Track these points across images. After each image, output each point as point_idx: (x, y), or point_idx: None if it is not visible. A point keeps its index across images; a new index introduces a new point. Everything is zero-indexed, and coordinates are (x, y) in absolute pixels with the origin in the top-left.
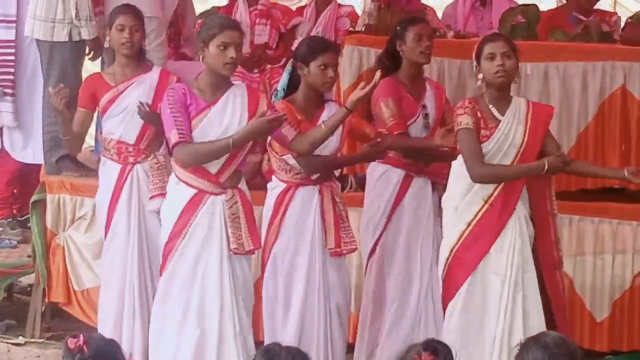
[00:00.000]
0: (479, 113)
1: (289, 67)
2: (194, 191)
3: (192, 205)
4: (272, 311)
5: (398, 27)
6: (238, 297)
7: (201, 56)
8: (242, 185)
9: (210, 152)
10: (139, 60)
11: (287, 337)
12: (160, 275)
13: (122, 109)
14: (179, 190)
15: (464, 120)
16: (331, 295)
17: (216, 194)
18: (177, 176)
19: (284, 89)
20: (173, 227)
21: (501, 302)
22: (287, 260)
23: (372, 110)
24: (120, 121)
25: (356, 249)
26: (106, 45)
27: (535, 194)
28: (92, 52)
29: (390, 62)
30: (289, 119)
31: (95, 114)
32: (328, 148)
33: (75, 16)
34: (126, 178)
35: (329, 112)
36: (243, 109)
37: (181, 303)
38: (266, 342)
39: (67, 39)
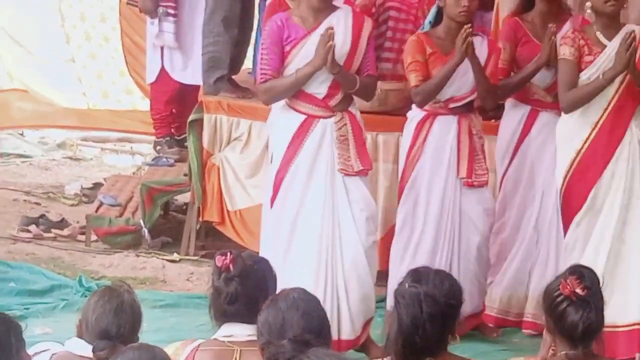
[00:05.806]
0: (582, 41)
1: (438, 1)
2: (304, 117)
3: (302, 131)
4: (402, 233)
5: None
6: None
7: None
8: (353, 108)
9: (280, 90)
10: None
11: (418, 261)
12: (271, 207)
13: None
14: (288, 117)
15: (562, 50)
16: (464, 227)
17: (325, 118)
18: (286, 103)
19: (430, 22)
20: (284, 156)
21: (608, 226)
22: (424, 187)
23: None
24: None
25: (487, 182)
26: None
27: None
28: None
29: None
30: (411, 51)
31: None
32: (453, 87)
33: None
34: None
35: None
36: (346, 32)
37: (290, 226)
38: (394, 262)
39: None
